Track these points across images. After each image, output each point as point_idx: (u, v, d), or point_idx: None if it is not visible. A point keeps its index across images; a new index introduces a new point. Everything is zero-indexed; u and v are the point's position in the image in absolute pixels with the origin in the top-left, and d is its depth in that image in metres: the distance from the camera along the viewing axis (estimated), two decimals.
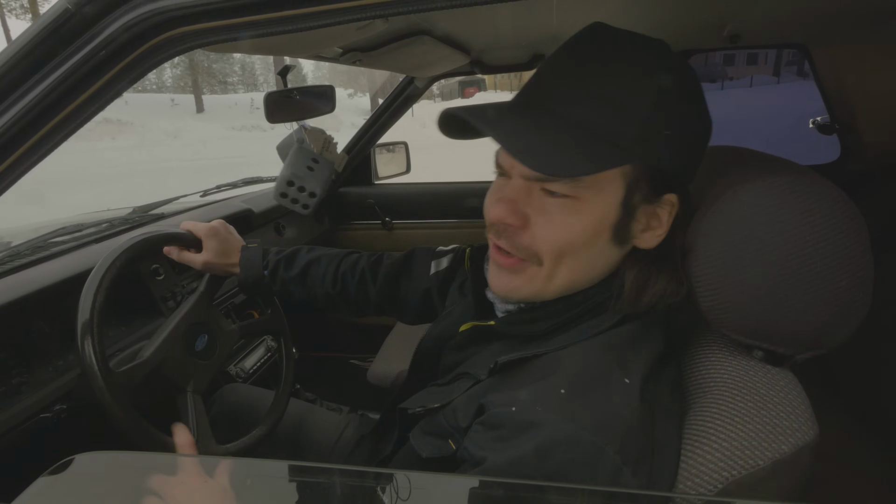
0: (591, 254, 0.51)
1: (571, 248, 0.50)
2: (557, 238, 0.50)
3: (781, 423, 0.45)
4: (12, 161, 0.45)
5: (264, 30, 0.47)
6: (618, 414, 0.45)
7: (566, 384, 0.47)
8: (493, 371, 0.53)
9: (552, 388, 0.47)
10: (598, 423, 0.44)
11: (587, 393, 0.46)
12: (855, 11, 1.06)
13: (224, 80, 36.33)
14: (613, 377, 0.47)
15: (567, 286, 0.53)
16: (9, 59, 0.44)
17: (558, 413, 0.44)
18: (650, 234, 0.52)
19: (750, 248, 0.47)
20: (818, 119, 1.53)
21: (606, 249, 0.52)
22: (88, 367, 0.72)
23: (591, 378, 0.47)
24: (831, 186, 0.47)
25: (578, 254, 0.51)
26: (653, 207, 0.51)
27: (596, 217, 0.50)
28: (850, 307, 0.46)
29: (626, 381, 0.47)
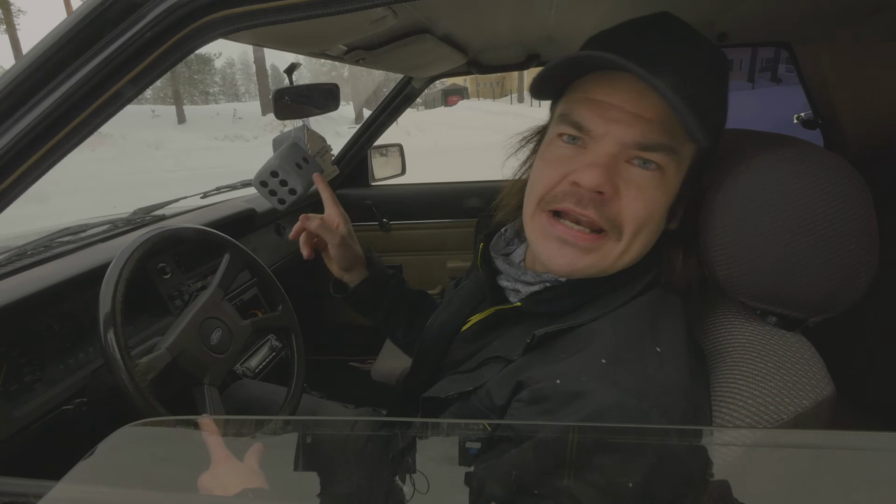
0: (657, 230, 0.53)
1: (650, 221, 0.51)
2: (645, 211, 0.50)
3: (800, 381, 0.48)
4: (62, 137, 0.46)
5: (300, 13, 0.49)
6: (655, 380, 0.46)
7: (605, 354, 0.47)
8: (530, 347, 0.53)
9: (593, 358, 0.47)
10: (641, 389, 0.45)
11: (626, 362, 0.47)
12: (836, 11, 1.12)
13: (205, 90, 36.04)
14: (646, 346, 0.48)
15: (633, 262, 0.53)
16: (57, 40, 0.46)
17: (603, 381, 0.45)
18: (678, 214, 0.55)
19: (764, 217, 0.50)
20: (802, 115, 1.59)
21: (660, 226, 0.53)
22: (112, 357, 0.72)
23: (628, 348, 0.48)
24: (837, 157, 0.50)
25: (651, 228, 0.51)
26: (689, 190, 0.54)
27: (672, 192, 0.52)
28: (858, 270, 0.50)
29: (658, 350, 0.48)
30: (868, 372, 1.12)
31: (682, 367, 0.48)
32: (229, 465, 0.52)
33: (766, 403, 0.47)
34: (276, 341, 1.45)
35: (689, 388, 0.48)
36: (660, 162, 0.49)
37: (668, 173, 0.50)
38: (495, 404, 0.52)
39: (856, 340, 1.11)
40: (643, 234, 0.51)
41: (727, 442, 0.47)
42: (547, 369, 0.49)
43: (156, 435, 0.45)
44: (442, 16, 1.05)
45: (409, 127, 14.74)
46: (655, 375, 0.46)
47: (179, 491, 0.47)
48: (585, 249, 0.51)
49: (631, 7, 1.15)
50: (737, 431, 0.48)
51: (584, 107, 0.50)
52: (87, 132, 0.49)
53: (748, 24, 1.29)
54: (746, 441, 0.48)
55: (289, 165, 0.93)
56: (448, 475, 0.47)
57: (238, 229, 1.41)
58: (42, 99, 0.48)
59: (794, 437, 0.44)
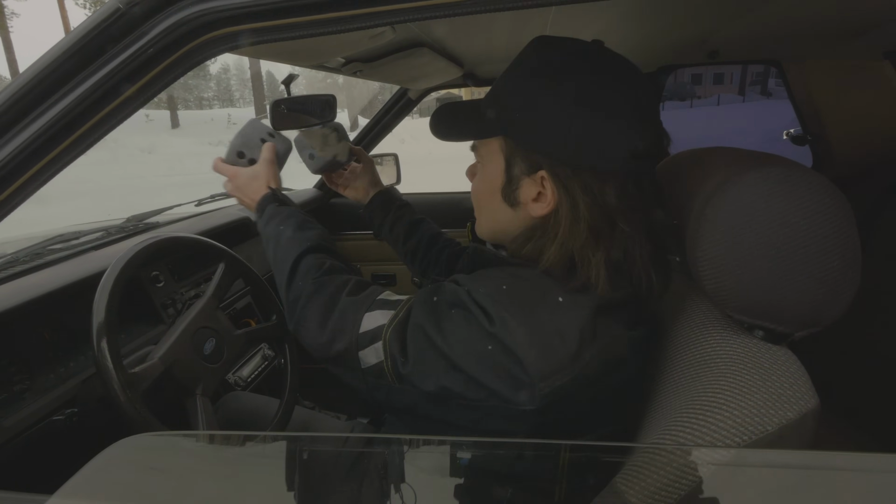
0: (491, 208, 0.66)
1: (477, 200, 0.68)
2: (474, 191, 0.69)
3: (785, 393, 0.49)
4: (62, 149, 0.47)
5: (305, 31, 0.50)
6: (540, 317, 0.54)
7: (508, 282, 0.57)
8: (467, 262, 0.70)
9: (497, 280, 0.58)
10: (520, 319, 0.53)
11: (523, 294, 0.56)
12: (824, 32, 1.15)
13: (200, 95, 35.98)
14: (549, 294, 0.56)
15: (489, 231, 0.69)
16: (59, 56, 0.46)
17: (491, 299, 0.55)
18: (539, 204, 0.60)
19: (750, 233, 0.51)
20: (791, 131, 1.62)
21: (502, 207, 0.64)
22: (104, 367, 0.72)
23: (531, 288, 0.57)
24: (820, 176, 0.52)
25: (483, 206, 0.68)
26: (534, 180, 0.60)
27: (488, 179, 0.65)
28: (841, 286, 0.51)
29: (560, 300, 0.55)
30: (852, 385, 1.13)
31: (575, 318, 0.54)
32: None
33: (751, 415, 0.48)
34: (268, 350, 1.45)
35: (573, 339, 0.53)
36: (476, 157, 0.69)
37: (485, 164, 0.66)
38: None
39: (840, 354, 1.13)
40: (480, 208, 0.68)
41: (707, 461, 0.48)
42: (460, 275, 0.62)
43: (152, 450, 0.45)
44: (439, 30, 1.06)
45: (403, 135, 14.79)
46: (542, 314, 0.54)
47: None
48: None
49: (625, 22, 1.18)
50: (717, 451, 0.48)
51: None
52: (87, 145, 0.49)
53: (739, 42, 1.32)
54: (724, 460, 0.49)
55: (253, 143, 0.93)
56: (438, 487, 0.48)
57: (233, 238, 1.42)
58: (43, 112, 0.48)
59: (778, 457, 0.45)
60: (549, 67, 0.58)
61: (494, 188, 0.64)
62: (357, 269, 1.73)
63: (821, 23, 1.07)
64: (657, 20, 1.18)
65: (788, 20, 1.07)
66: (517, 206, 0.62)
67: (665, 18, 1.16)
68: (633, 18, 1.15)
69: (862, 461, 0.39)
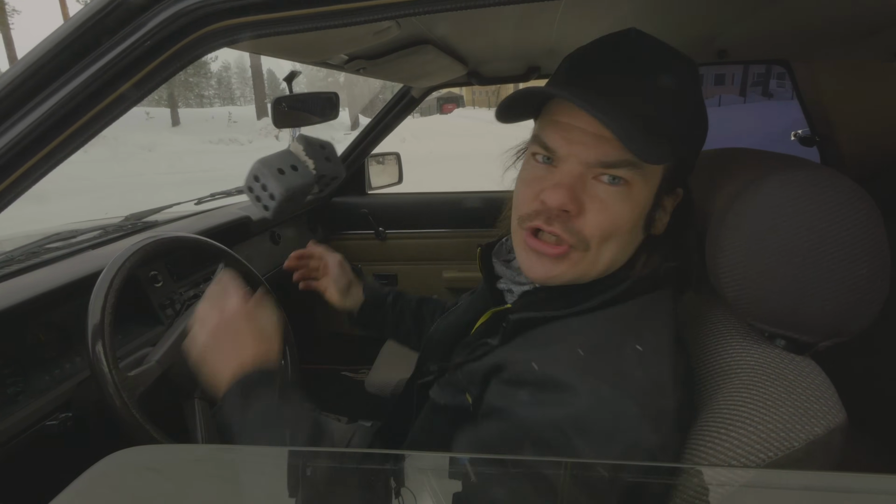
0: (628, 239, 0.55)
1: (617, 232, 0.53)
2: (610, 224, 0.52)
3: (812, 407, 0.47)
4: (57, 144, 0.44)
5: (306, 25, 0.47)
6: (632, 374, 0.48)
7: (583, 347, 0.50)
8: (506, 332, 0.56)
9: (570, 348, 0.50)
10: (618, 381, 0.47)
11: (604, 354, 0.50)
12: (834, 31, 1.13)
13: (200, 93, 35.96)
14: (626, 343, 0.50)
15: (605, 270, 0.56)
16: (53, 47, 0.44)
17: (577, 369, 0.48)
18: (663, 220, 0.56)
19: (774, 239, 0.49)
20: (799, 132, 1.60)
21: (638, 235, 0.56)
22: (99, 371, 0.70)
23: (607, 342, 0.51)
24: (847, 179, 0.49)
25: (620, 239, 0.54)
26: (671, 197, 0.56)
27: (641, 204, 0.53)
28: (869, 295, 0.49)
29: (638, 349, 0.50)
30: (861, 392, 1.11)
31: (665, 366, 0.50)
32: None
33: (776, 430, 0.46)
34: None
35: (670, 387, 0.49)
36: (625, 177, 0.51)
37: (635, 186, 0.52)
38: (475, 379, 0.56)
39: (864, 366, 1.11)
40: (611, 243, 0.53)
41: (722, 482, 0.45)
42: (524, 353, 0.53)
43: (145, 463, 0.43)
44: (445, 28, 1.04)
45: (404, 134, 14.77)
46: (633, 371, 0.48)
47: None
48: (556, 259, 0.54)
49: (633, 21, 1.15)
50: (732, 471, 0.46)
51: (551, 129, 0.53)
52: (83, 139, 0.47)
53: (748, 41, 1.30)
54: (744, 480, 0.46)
55: (268, 170, 0.91)
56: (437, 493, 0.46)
57: (232, 237, 1.39)
58: (36, 106, 0.46)
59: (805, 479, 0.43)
60: (689, 71, 0.54)
61: (641, 213, 0.54)
62: (359, 270, 1.71)
63: (831, 22, 1.05)
64: (665, 19, 1.16)
65: (798, 19, 1.05)
66: (651, 229, 0.57)
67: (673, 17, 1.14)
68: (642, 17, 1.13)
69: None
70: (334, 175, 1.00)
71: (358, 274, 0.97)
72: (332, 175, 0.98)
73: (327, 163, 0.98)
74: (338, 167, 1.02)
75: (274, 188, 0.90)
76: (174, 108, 24.17)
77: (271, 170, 0.91)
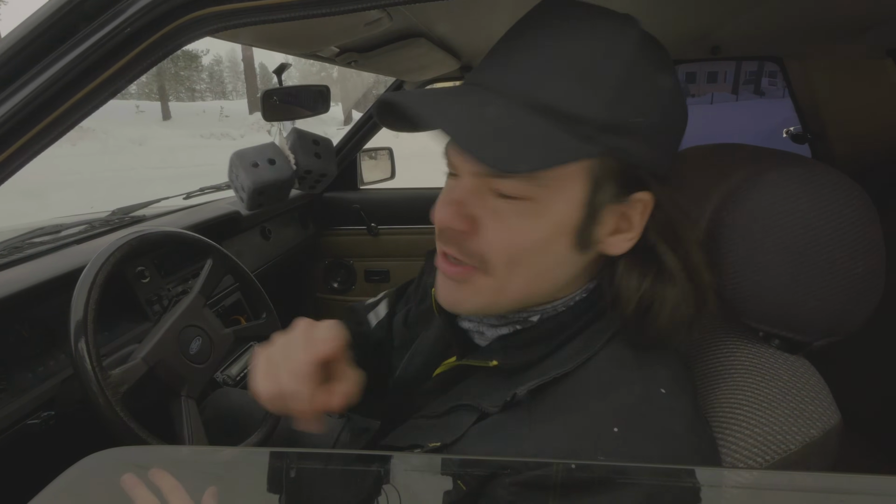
0: (549, 262, 0.44)
1: (526, 255, 0.43)
2: (510, 245, 0.43)
3: (808, 409, 0.47)
4: (29, 138, 0.43)
5: (293, 13, 0.46)
6: (673, 431, 0.41)
7: (615, 420, 0.41)
8: (510, 404, 0.45)
9: (602, 427, 0.40)
10: (662, 450, 0.40)
11: (638, 422, 0.41)
12: (826, 28, 1.13)
13: (192, 87, 35.60)
14: (652, 394, 0.42)
15: (523, 299, 0.47)
16: (26, 34, 0.42)
17: (622, 456, 0.39)
18: (620, 237, 0.44)
19: (771, 236, 0.48)
20: (791, 129, 1.61)
21: (568, 256, 0.44)
22: (82, 368, 0.68)
23: (634, 403, 0.42)
24: (843, 176, 0.49)
25: (534, 262, 0.44)
26: (621, 207, 0.44)
27: (555, 221, 0.42)
28: (864, 293, 0.48)
29: (663, 392, 0.42)
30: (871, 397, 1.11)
31: (690, 401, 0.44)
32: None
33: (773, 432, 0.45)
34: (258, 348, 1.41)
35: (703, 422, 0.45)
36: (516, 193, 0.42)
37: (542, 199, 0.41)
38: (472, 470, 0.43)
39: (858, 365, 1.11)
40: (521, 267, 0.44)
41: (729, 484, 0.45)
42: (547, 445, 0.41)
43: (126, 465, 0.42)
44: (437, 20, 1.02)
45: None
46: (672, 426, 0.41)
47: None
48: (457, 281, 0.46)
49: None
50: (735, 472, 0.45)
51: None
52: (61, 130, 0.45)
53: (741, 38, 1.29)
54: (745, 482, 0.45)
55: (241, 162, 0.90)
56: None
57: (222, 232, 1.37)
58: (11, 94, 0.44)
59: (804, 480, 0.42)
60: (646, 46, 0.42)
61: (563, 231, 0.43)
62: (350, 266, 1.69)
63: (823, 19, 1.05)
64: (659, 14, 1.15)
65: (791, 16, 1.04)
66: (588, 248, 0.44)
67: (667, 12, 1.13)
68: (635, 12, 1.12)
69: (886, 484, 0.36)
70: (322, 172, 0.99)
71: None
72: (319, 172, 0.97)
73: (316, 159, 0.97)
74: (328, 165, 1.00)
75: (244, 180, 0.89)
76: (165, 101, 23.92)
77: (244, 162, 0.90)
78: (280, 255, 1.65)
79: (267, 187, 0.90)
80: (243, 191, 0.89)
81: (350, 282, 2.00)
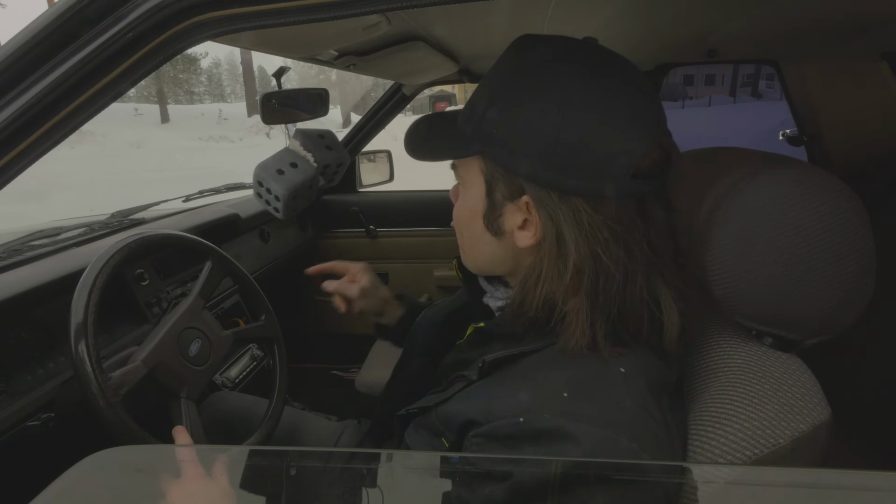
0: (473, 235, 0.57)
1: (460, 224, 0.59)
2: (455, 214, 0.59)
3: (797, 404, 0.47)
4: (31, 142, 0.43)
5: (293, 18, 0.47)
6: (622, 405, 0.45)
7: (566, 386, 0.47)
8: (483, 371, 0.53)
9: (554, 391, 0.47)
10: (606, 417, 0.44)
11: (587, 391, 0.47)
12: (822, 31, 1.14)
13: (190, 90, 35.60)
14: (609, 371, 0.48)
15: (475, 263, 0.60)
16: (29, 39, 0.43)
17: (567, 416, 0.45)
18: (525, 233, 0.52)
19: (762, 236, 0.49)
20: (787, 131, 1.62)
21: (485, 236, 0.56)
22: (83, 370, 0.68)
23: (588, 375, 0.48)
24: (834, 178, 0.50)
25: (465, 232, 0.58)
26: (518, 206, 0.52)
27: (470, 202, 0.56)
28: (855, 293, 0.49)
29: (622, 371, 0.47)
30: (847, 390, 1.12)
31: (646, 385, 0.48)
32: (199, 484, 0.49)
33: (763, 427, 0.46)
34: (257, 350, 1.41)
35: (662, 407, 0.48)
36: (456, 178, 0.59)
37: (466, 186, 0.56)
38: (451, 424, 0.53)
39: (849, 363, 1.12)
40: (462, 233, 0.59)
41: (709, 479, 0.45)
42: (505, 403, 0.48)
43: (131, 462, 0.42)
44: (436, 24, 1.03)
45: (395, 132, 14.71)
46: (622, 400, 0.46)
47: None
48: None
49: (623, 19, 1.15)
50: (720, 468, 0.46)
51: None
52: (63, 133, 0.46)
53: (738, 41, 1.30)
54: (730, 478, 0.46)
55: (267, 173, 0.91)
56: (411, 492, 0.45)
57: (221, 235, 1.38)
58: (13, 100, 0.45)
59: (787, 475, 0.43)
60: (530, 70, 0.49)
61: (475, 213, 0.55)
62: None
63: (819, 22, 1.06)
64: (656, 17, 1.17)
65: (787, 19, 1.05)
66: (501, 235, 0.54)
67: (665, 15, 1.15)
68: (633, 15, 1.13)
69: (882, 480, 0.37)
70: (339, 162, 1.01)
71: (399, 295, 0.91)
72: (336, 162, 0.98)
73: (329, 151, 0.98)
74: (341, 153, 1.02)
75: (277, 189, 0.90)
76: (163, 104, 23.92)
77: (270, 172, 0.91)
78: (279, 257, 1.66)
79: (300, 190, 0.92)
80: (278, 200, 0.91)
81: None
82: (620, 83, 0.48)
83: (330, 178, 1.00)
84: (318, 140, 0.98)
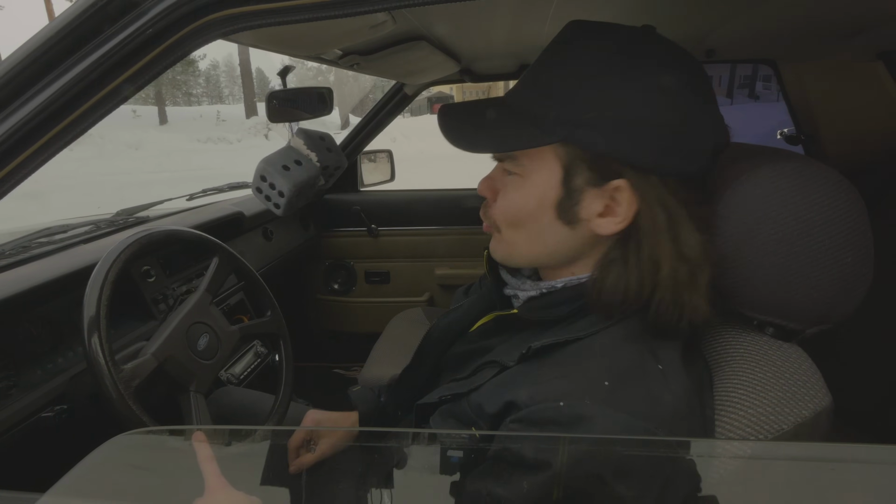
0: (539, 227, 0.54)
1: (518, 218, 0.55)
2: (507, 209, 0.56)
3: (799, 391, 0.49)
4: (54, 134, 0.45)
5: (306, 15, 0.48)
6: (660, 399, 0.46)
7: (608, 376, 0.47)
8: (525, 357, 0.53)
9: (595, 379, 0.47)
10: (645, 410, 0.45)
11: (629, 382, 0.47)
12: (820, 31, 1.15)
13: (188, 91, 35.58)
14: (648, 366, 0.48)
15: (531, 257, 0.58)
16: (53, 35, 0.44)
17: (607, 405, 0.45)
18: (609, 220, 0.51)
19: (764, 228, 0.51)
20: (785, 130, 1.63)
21: (555, 226, 0.54)
22: (96, 363, 0.70)
23: (629, 367, 0.48)
24: (834, 172, 0.51)
25: (526, 225, 0.55)
26: (603, 192, 0.51)
27: (537, 192, 0.53)
28: (854, 282, 0.51)
29: (660, 368, 0.48)
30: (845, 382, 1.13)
31: (685, 383, 0.48)
32: (225, 494, 0.48)
33: (766, 413, 0.47)
34: (260, 347, 1.42)
35: (696, 403, 0.48)
36: (512, 168, 0.55)
37: (528, 176, 0.54)
38: (486, 412, 0.52)
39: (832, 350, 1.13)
40: (519, 229, 0.56)
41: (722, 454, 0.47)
42: (546, 388, 0.48)
43: (147, 446, 0.43)
44: (439, 23, 1.05)
45: (394, 133, 14.72)
46: (660, 395, 0.46)
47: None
48: (493, 240, 0.60)
49: (622, 20, 1.17)
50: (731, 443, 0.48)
51: None
52: (80, 130, 0.47)
53: (735, 41, 1.32)
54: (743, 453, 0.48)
55: (273, 168, 0.93)
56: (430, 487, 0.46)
57: (225, 232, 1.39)
58: (35, 94, 0.46)
59: (793, 450, 0.44)
60: (621, 49, 0.49)
61: (545, 204, 0.53)
62: (351, 267, 1.71)
63: (816, 22, 1.08)
64: (654, 17, 1.18)
65: (784, 19, 1.07)
66: (576, 224, 0.53)
67: (662, 15, 1.16)
68: (630, 15, 1.15)
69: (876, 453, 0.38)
70: (337, 164, 1.02)
71: None
72: (335, 165, 1.00)
73: (329, 153, 0.99)
74: (339, 157, 1.03)
75: (282, 185, 0.91)
76: (162, 106, 23.91)
77: (276, 168, 0.92)
78: (281, 255, 1.67)
79: (303, 187, 0.93)
80: (280, 196, 0.92)
81: (350, 283, 2.01)
82: (696, 63, 0.51)
83: (326, 179, 1.01)
84: (319, 141, 1.00)
